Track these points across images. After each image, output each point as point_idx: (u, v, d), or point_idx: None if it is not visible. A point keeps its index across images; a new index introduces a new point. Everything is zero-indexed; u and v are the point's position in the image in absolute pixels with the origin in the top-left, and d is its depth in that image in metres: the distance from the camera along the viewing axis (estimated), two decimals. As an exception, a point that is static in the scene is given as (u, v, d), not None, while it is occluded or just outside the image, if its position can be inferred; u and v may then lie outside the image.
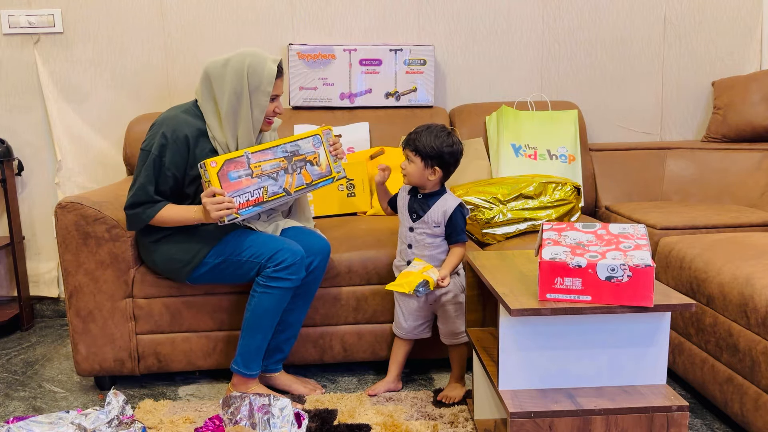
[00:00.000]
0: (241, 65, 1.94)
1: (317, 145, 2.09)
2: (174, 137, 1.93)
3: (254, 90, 1.94)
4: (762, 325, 1.64)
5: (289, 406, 1.71)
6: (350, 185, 2.62)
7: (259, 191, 1.94)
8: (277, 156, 2.00)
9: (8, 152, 2.80)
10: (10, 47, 2.85)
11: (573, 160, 2.75)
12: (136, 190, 1.93)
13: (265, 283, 1.95)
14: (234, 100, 1.94)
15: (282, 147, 2.01)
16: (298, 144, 2.05)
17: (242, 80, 1.93)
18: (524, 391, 1.54)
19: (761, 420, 1.65)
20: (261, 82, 1.94)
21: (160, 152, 1.92)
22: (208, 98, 1.98)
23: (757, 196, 2.69)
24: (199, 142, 1.97)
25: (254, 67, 1.94)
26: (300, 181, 2.04)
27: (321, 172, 2.09)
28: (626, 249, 1.48)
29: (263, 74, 1.94)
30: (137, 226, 1.98)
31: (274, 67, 1.96)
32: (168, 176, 1.94)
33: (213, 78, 1.96)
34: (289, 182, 2.01)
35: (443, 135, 1.93)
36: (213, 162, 1.86)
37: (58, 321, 2.97)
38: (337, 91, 2.85)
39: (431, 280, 1.87)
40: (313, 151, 2.08)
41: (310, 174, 2.06)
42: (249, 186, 1.92)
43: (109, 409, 1.75)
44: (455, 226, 1.95)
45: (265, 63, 1.95)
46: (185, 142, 1.94)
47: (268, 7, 2.90)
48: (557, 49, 3.03)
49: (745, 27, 3.05)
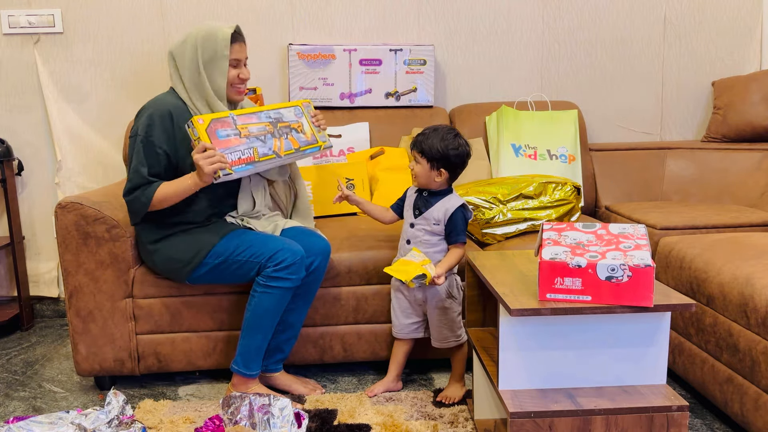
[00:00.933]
0: (196, 37, 1.98)
1: (299, 115, 2.12)
2: (158, 114, 1.95)
3: (212, 57, 1.97)
4: (762, 325, 1.64)
5: (289, 406, 1.71)
6: (350, 185, 2.62)
7: (250, 151, 1.95)
8: (262, 120, 2.02)
9: (8, 152, 2.80)
10: (10, 47, 2.85)
11: (573, 160, 2.75)
12: (130, 176, 1.94)
13: (266, 283, 1.95)
14: (194, 71, 1.98)
15: (265, 113, 2.03)
16: (281, 112, 2.07)
17: (198, 50, 1.97)
18: (524, 391, 1.54)
19: (761, 420, 1.65)
20: (217, 47, 1.97)
21: (146, 132, 1.94)
22: (177, 78, 2.02)
23: (757, 196, 2.69)
24: (182, 115, 1.99)
25: (209, 35, 1.97)
26: (288, 145, 2.05)
27: (307, 139, 2.11)
28: (626, 249, 1.48)
29: (217, 39, 1.96)
30: (139, 211, 1.96)
31: (228, 31, 1.98)
32: (160, 154, 1.95)
33: (176, 56, 2.01)
34: (277, 145, 2.02)
35: (449, 137, 1.93)
36: (200, 119, 1.88)
37: (58, 321, 2.97)
38: (337, 91, 2.85)
39: (429, 274, 1.87)
40: (296, 120, 2.11)
41: (296, 140, 2.08)
42: (239, 145, 1.93)
43: (109, 409, 1.75)
44: (455, 226, 1.95)
45: (219, 29, 1.98)
46: (169, 116, 1.97)
47: (268, 7, 2.90)
48: (557, 49, 3.03)
49: (745, 27, 3.05)
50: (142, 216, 1.98)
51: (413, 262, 1.90)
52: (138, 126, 1.96)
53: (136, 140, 1.95)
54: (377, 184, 2.63)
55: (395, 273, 1.88)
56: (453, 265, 1.97)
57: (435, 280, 1.89)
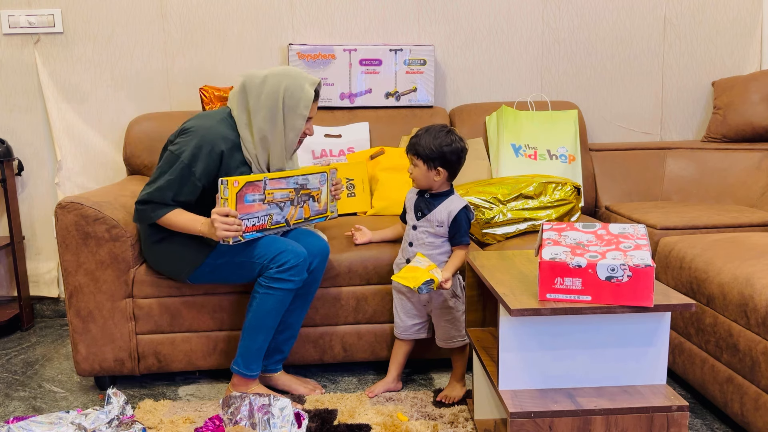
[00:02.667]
0: (279, 86, 1.92)
1: (323, 182, 2.13)
2: (209, 149, 1.90)
3: (289, 112, 1.93)
4: (762, 325, 1.64)
5: (289, 406, 1.71)
6: (350, 185, 2.62)
7: (265, 218, 1.95)
8: (289, 186, 2.00)
9: (8, 152, 2.80)
10: (10, 47, 2.85)
11: (573, 160, 2.75)
12: (154, 190, 1.91)
13: (268, 284, 1.95)
14: (269, 120, 1.93)
15: (294, 179, 2.01)
16: (308, 178, 2.07)
17: (278, 102, 1.92)
18: (524, 391, 1.54)
19: (761, 420, 1.65)
20: (298, 105, 1.93)
21: (191, 161, 1.90)
22: (243, 110, 1.97)
23: (757, 196, 2.69)
24: (233, 154, 1.96)
25: (292, 90, 1.93)
26: (300, 214, 2.07)
27: (319, 209, 2.14)
28: (626, 249, 1.48)
29: (300, 98, 1.93)
30: (142, 222, 1.99)
31: (311, 92, 1.94)
32: (196, 186, 1.92)
33: (249, 92, 1.95)
34: (291, 214, 2.03)
35: (442, 135, 1.93)
36: (236, 182, 1.83)
37: (58, 321, 2.97)
38: (337, 91, 2.85)
39: (436, 279, 1.87)
40: (318, 188, 2.11)
41: (310, 209, 2.10)
42: (258, 211, 1.92)
43: (109, 409, 1.75)
44: (459, 228, 1.95)
45: (303, 86, 1.93)
46: (220, 156, 1.92)
47: (268, 7, 2.90)
48: (557, 49, 3.03)
49: (745, 27, 3.05)
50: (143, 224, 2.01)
51: (420, 268, 1.90)
52: (184, 149, 1.90)
53: (176, 161, 1.90)
54: (377, 184, 2.63)
55: (403, 280, 1.87)
56: (459, 267, 1.97)
57: (443, 285, 1.89)
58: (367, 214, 2.64)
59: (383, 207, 2.60)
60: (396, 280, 1.90)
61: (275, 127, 1.94)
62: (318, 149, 2.73)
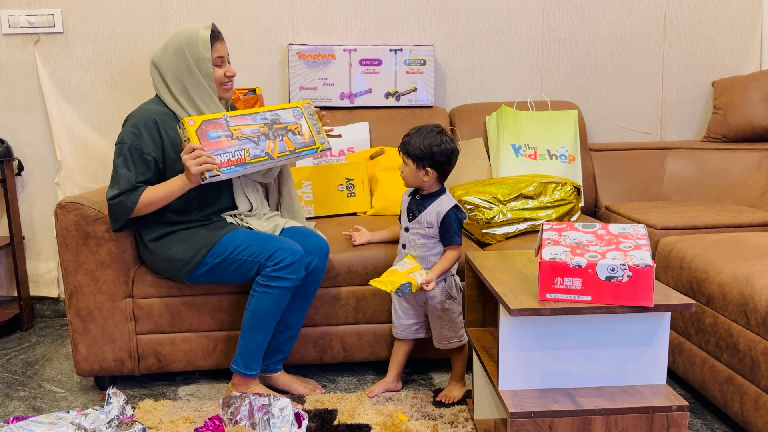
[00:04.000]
0: (179, 42, 1.99)
1: (298, 116, 2.10)
2: (143, 122, 1.96)
3: (196, 59, 1.99)
4: (762, 325, 1.64)
5: (289, 406, 1.71)
6: (350, 185, 2.62)
7: (241, 152, 1.94)
8: (257, 122, 2.01)
9: (8, 152, 2.80)
10: (10, 47, 2.85)
11: (573, 160, 2.75)
12: (118, 181, 1.94)
13: (265, 283, 1.95)
14: (180, 77, 1.99)
15: (261, 114, 2.02)
16: (278, 113, 2.06)
17: (184, 54, 1.98)
18: (524, 391, 1.54)
19: (761, 420, 1.65)
20: (198, 49, 1.99)
21: (133, 140, 1.95)
22: (162, 85, 2.04)
23: (757, 196, 2.69)
24: (168, 120, 2.00)
25: (189, 40, 1.99)
26: (282, 147, 2.04)
27: (304, 141, 2.09)
28: (626, 249, 1.48)
29: (198, 42, 1.98)
30: (122, 216, 1.95)
31: (206, 33, 2.00)
32: (149, 161, 1.95)
33: (158, 63, 2.02)
34: (271, 147, 2.01)
35: (432, 135, 1.92)
36: (191, 120, 1.89)
37: (58, 321, 2.97)
38: (337, 91, 2.85)
39: (414, 282, 1.86)
40: (294, 122, 2.09)
41: (292, 142, 2.07)
42: (230, 146, 1.93)
43: (109, 409, 1.75)
44: (448, 228, 1.94)
45: (198, 32, 2.00)
46: (155, 124, 1.98)
47: (268, 7, 2.90)
48: (557, 49, 3.03)
49: (745, 27, 3.05)
50: (123, 222, 1.97)
51: (398, 271, 1.90)
52: (124, 134, 1.97)
53: (123, 147, 1.95)
54: (377, 184, 2.63)
55: (380, 284, 1.86)
56: (447, 268, 1.96)
57: (423, 287, 1.88)
58: (367, 214, 2.64)
59: (383, 207, 2.60)
60: (373, 284, 1.88)
61: (192, 77, 1.99)
62: (318, 149, 2.73)
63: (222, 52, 2.04)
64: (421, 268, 1.92)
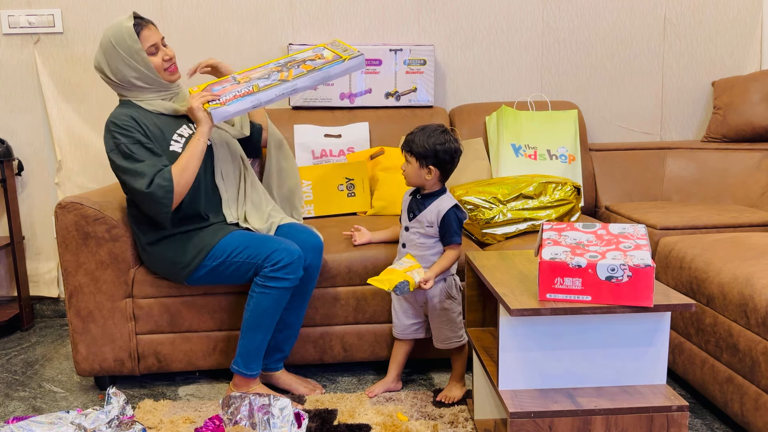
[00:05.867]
0: (108, 42, 1.99)
1: (319, 51, 2.03)
2: (123, 122, 1.95)
3: (128, 52, 1.98)
4: (762, 325, 1.64)
5: (289, 406, 1.71)
6: (350, 185, 2.62)
7: (249, 87, 1.93)
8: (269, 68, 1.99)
9: (8, 152, 2.80)
10: (10, 47, 2.85)
11: (573, 160, 2.75)
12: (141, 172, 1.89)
13: (264, 284, 1.95)
14: (124, 74, 1.99)
15: (275, 62, 1.98)
16: (295, 57, 2.00)
17: (116, 54, 1.98)
18: (524, 391, 1.54)
19: (761, 420, 1.65)
20: (126, 41, 1.97)
21: (127, 137, 1.93)
22: (116, 86, 2.04)
23: (757, 196, 2.69)
24: (145, 115, 2.00)
25: (116, 36, 1.98)
26: (298, 71, 1.97)
27: (326, 60, 2.00)
28: (626, 249, 1.48)
29: (124, 34, 1.97)
30: (166, 196, 1.90)
31: (129, 24, 1.98)
32: (152, 148, 1.95)
33: (102, 69, 2.02)
34: (284, 75, 1.96)
35: (436, 134, 1.92)
36: (195, 87, 1.97)
37: (58, 321, 2.97)
38: (337, 91, 2.85)
39: (412, 281, 1.86)
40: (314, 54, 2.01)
41: (311, 65, 1.99)
42: (236, 88, 1.93)
43: (109, 409, 1.75)
44: (448, 227, 1.94)
45: (121, 26, 1.99)
46: (133, 119, 1.96)
47: (268, 7, 2.90)
48: (557, 49, 3.03)
49: (745, 27, 3.05)
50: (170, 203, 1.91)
51: (396, 270, 1.90)
52: (114, 138, 1.94)
53: (121, 148, 1.92)
54: (377, 184, 2.63)
55: (377, 283, 1.86)
56: (446, 267, 1.96)
57: (422, 285, 1.88)
58: (367, 214, 2.64)
59: (383, 207, 2.60)
60: (371, 282, 1.88)
61: (134, 70, 1.99)
62: (318, 149, 2.73)
63: (152, 39, 2.01)
64: (419, 267, 1.92)
